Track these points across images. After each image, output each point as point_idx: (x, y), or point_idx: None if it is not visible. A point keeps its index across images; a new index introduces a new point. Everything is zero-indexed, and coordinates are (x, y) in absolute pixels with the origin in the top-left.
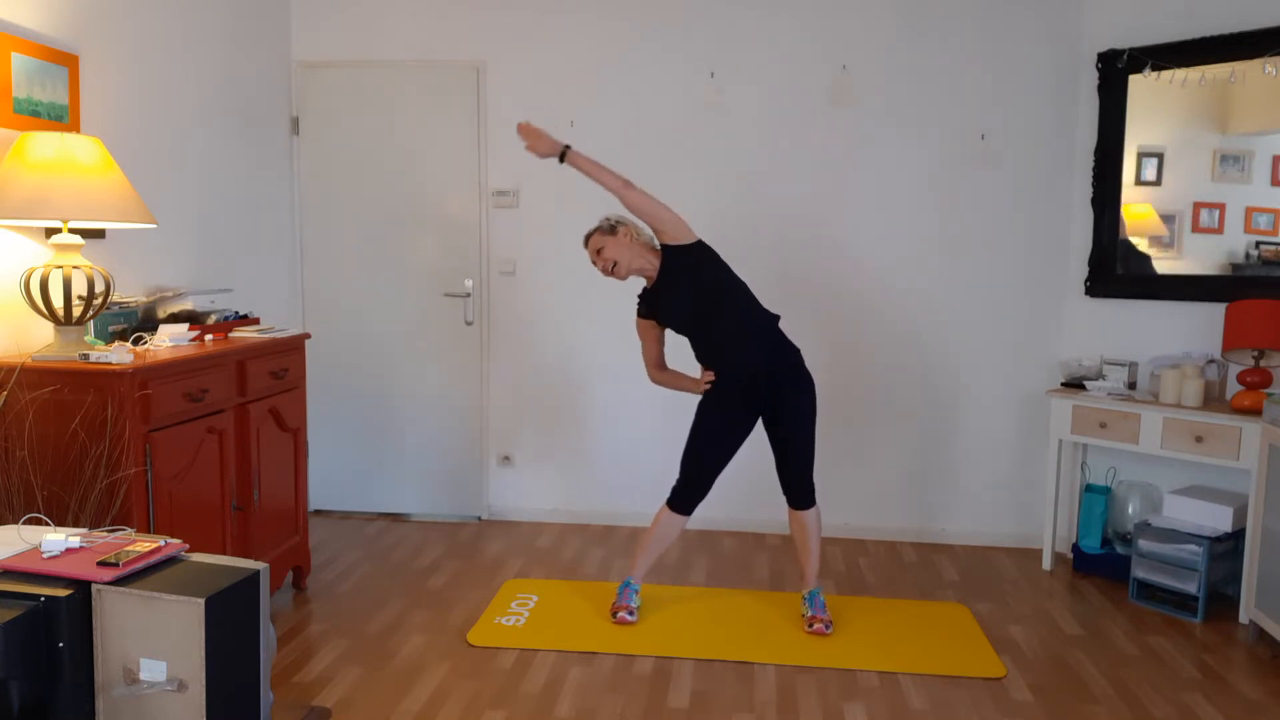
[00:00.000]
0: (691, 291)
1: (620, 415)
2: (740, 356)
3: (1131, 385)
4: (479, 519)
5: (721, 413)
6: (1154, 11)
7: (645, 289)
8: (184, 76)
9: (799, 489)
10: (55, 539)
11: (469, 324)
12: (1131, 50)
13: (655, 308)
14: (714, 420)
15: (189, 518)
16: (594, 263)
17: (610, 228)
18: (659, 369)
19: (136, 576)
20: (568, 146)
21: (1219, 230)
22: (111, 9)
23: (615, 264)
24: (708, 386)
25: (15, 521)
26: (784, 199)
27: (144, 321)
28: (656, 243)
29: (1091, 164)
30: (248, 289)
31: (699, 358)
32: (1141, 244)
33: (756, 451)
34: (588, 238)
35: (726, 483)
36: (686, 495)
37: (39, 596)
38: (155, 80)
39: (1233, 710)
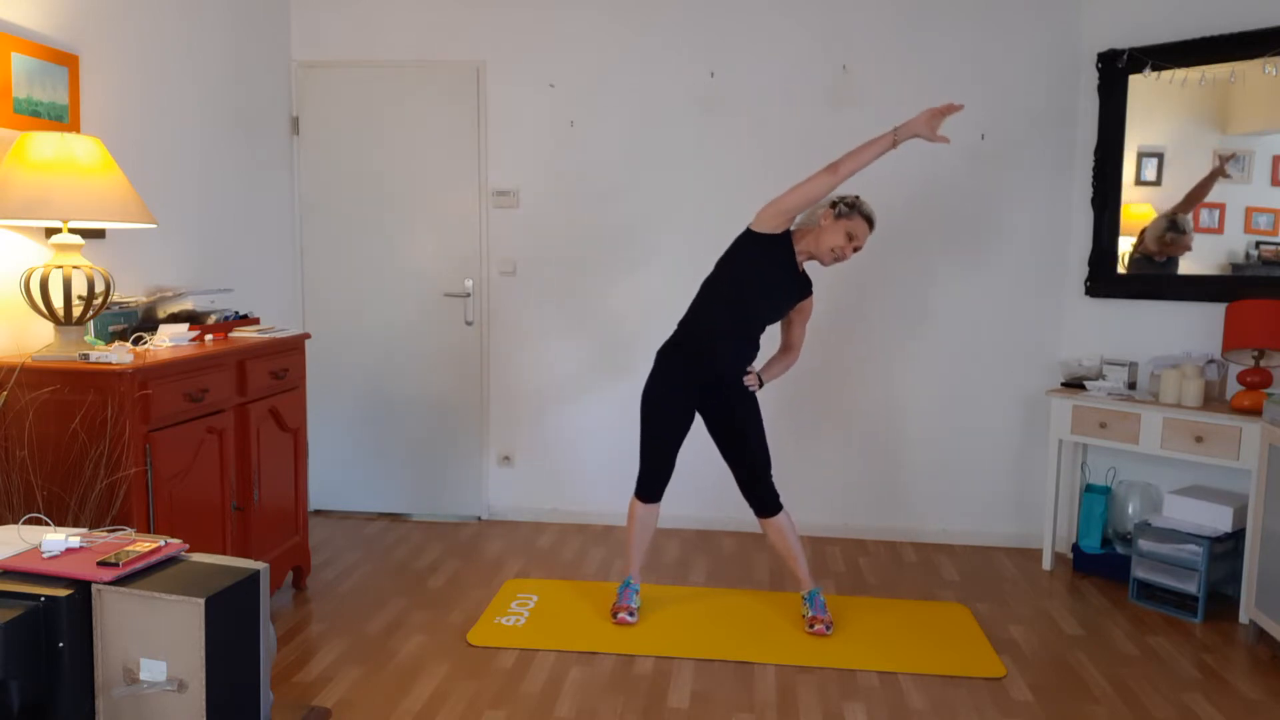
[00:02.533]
0: (781, 294)
1: (620, 415)
2: (729, 356)
3: (1131, 385)
4: (479, 519)
5: (669, 397)
6: (1154, 11)
7: (788, 239)
8: (184, 76)
9: (763, 496)
10: (55, 539)
11: (469, 324)
12: (1131, 50)
13: (762, 254)
14: (663, 405)
15: (189, 518)
16: (851, 240)
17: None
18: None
19: (136, 576)
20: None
21: (1219, 230)
22: (111, 9)
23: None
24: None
25: (15, 521)
26: None
27: (144, 321)
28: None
29: (1091, 164)
30: (248, 289)
31: (695, 324)
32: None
33: None
34: (872, 222)
35: (726, 483)
36: (651, 482)
37: (39, 596)
38: (155, 80)
39: (1233, 710)
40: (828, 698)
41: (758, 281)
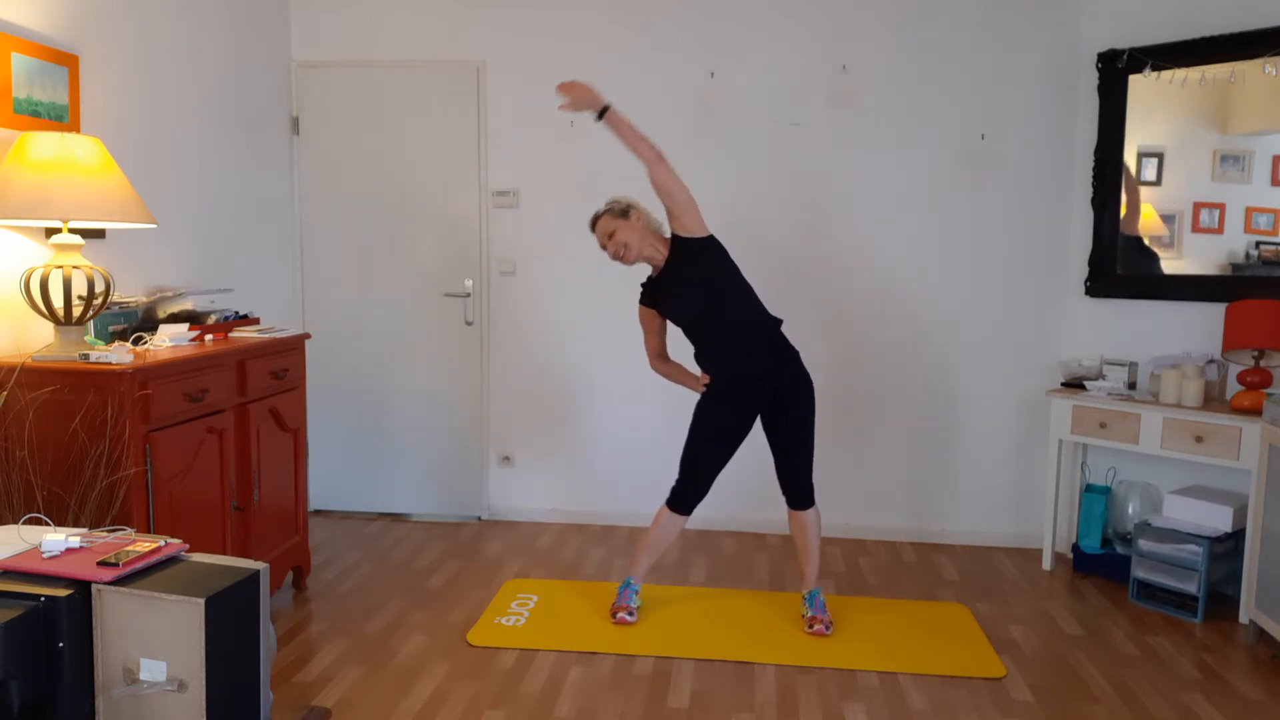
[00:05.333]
0: (696, 286)
1: (620, 415)
2: (738, 359)
3: (1131, 385)
4: (479, 519)
5: (720, 413)
6: (1154, 11)
7: (650, 278)
8: (184, 76)
9: (798, 490)
10: (55, 539)
11: (469, 324)
12: (1131, 50)
13: (658, 298)
14: (712, 420)
15: (189, 518)
16: (603, 246)
17: (623, 211)
18: (660, 360)
19: (136, 576)
20: (608, 106)
21: (1219, 230)
22: (111, 9)
23: (626, 248)
24: (705, 389)
25: (15, 521)
26: (783, 200)
27: (144, 321)
28: (666, 231)
29: (1091, 164)
30: (248, 289)
31: (697, 357)
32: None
33: (756, 451)
34: (596, 219)
35: (726, 483)
36: (686, 495)
37: (39, 596)
38: (155, 80)
39: (1233, 710)
40: (828, 698)
41: (678, 301)
